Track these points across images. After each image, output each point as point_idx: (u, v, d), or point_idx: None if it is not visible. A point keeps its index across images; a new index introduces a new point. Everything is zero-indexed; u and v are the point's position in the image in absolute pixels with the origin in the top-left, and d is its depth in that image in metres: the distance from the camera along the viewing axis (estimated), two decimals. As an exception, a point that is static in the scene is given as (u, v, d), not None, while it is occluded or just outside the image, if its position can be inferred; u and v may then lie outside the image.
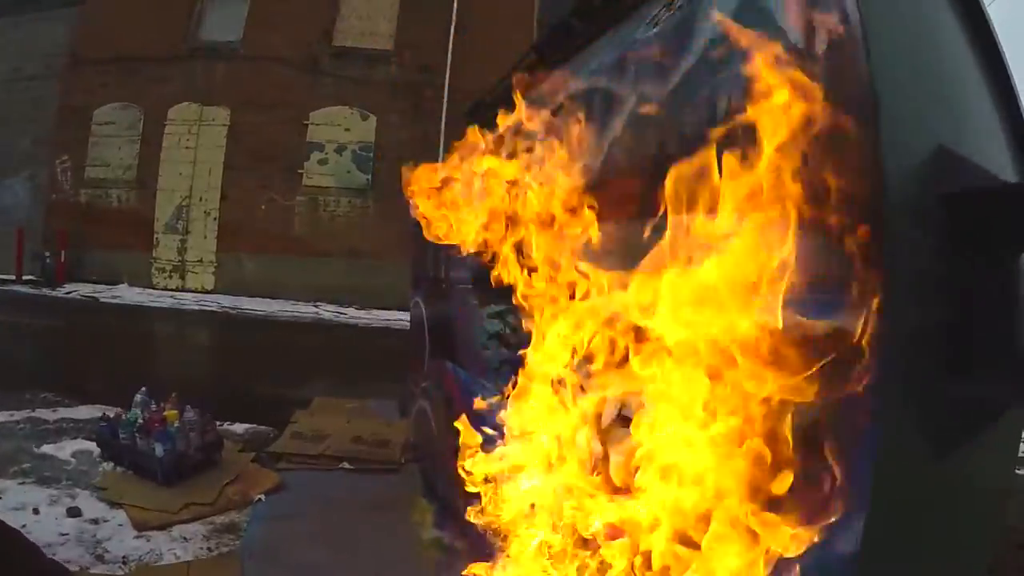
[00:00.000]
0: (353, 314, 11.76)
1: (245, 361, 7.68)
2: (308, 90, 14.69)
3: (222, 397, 5.63)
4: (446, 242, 2.56)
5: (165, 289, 13.70)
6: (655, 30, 2.01)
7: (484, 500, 2.26)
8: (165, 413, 4.14)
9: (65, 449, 4.27)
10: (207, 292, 13.77)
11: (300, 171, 14.46)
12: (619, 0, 2.86)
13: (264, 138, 14.31)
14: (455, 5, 14.89)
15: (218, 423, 4.94)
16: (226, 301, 12.02)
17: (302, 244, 14.26)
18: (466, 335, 3.61)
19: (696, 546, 1.48)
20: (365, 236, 14.13)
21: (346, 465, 4.34)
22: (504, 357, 2.90)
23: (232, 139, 14.45)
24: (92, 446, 4.26)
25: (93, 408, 5.14)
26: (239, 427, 5.04)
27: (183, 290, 13.79)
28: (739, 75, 1.48)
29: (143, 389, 4.39)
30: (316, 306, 12.48)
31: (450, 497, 3.32)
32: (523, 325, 2.27)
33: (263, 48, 14.61)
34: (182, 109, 14.56)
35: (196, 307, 10.76)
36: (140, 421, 3.99)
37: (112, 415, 4.29)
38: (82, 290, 11.80)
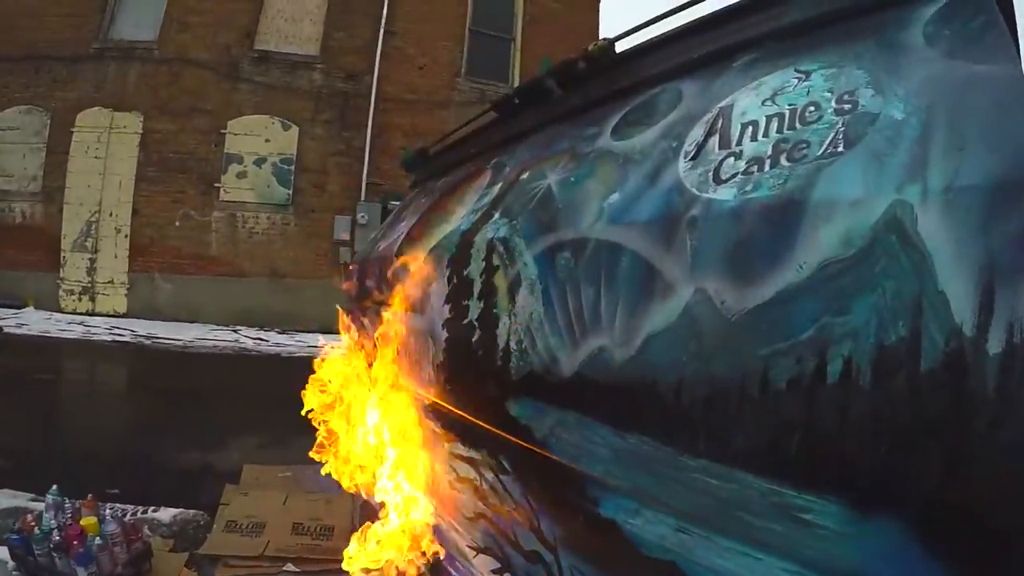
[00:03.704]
0: (276, 340, 11.32)
1: (164, 412, 7.22)
2: (226, 97, 14.07)
3: (143, 471, 5.29)
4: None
5: (75, 313, 12.90)
6: (724, 190, 1.51)
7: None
8: (82, 522, 3.78)
9: (-26, 561, 3.86)
10: (119, 316, 13.06)
11: (217, 185, 13.84)
12: (609, 74, 2.50)
13: (179, 148, 13.69)
14: (384, 9, 14.47)
15: (142, 510, 4.62)
16: (140, 328, 11.39)
17: (219, 263, 13.68)
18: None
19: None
20: (286, 254, 13.65)
21: (291, 567, 4.06)
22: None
23: (144, 149, 13.70)
24: (5, 553, 3.87)
25: (1, 495, 4.70)
26: (165, 514, 4.67)
27: (93, 314, 13.01)
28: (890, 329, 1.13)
29: (54, 488, 4.00)
30: (236, 331, 11.96)
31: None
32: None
33: (180, 50, 13.95)
34: (92, 114, 13.69)
35: (108, 336, 10.14)
36: (57, 537, 3.63)
37: (25, 519, 3.89)
38: (-15, 316, 11.03)
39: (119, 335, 10.62)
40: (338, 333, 4.26)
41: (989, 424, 1.05)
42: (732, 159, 1.56)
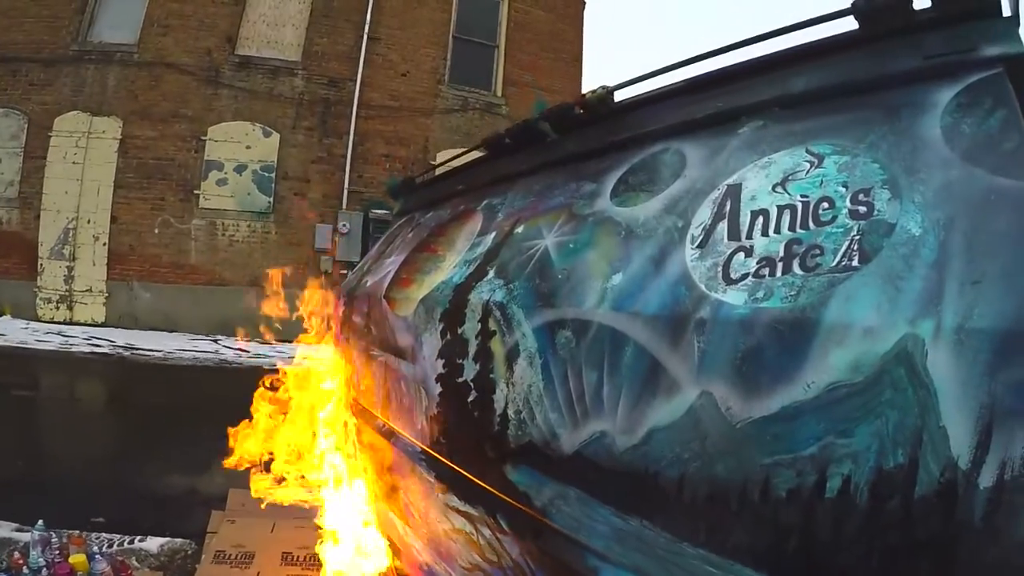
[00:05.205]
0: (257, 350, 11.23)
1: (146, 431, 7.17)
2: (207, 102, 13.94)
3: (127, 496, 5.26)
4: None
5: (52, 321, 12.74)
6: (734, 292, 1.48)
7: None
8: (71, 560, 3.78)
9: (-39, 601, 3.84)
10: (97, 325, 12.90)
11: (197, 192, 13.72)
12: (607, 124, 2.38)
13: (158, 154, 13.54)
14: (368, 15, 14.40)
15: (128, 539, 4.61)
16: (118, 337, 11.26)
17: (199, 272, 13.58)
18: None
19: None
20: (267, 263, 13.55)
21: (281, 600, 4.08)
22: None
23: (123, 154, 13.53)
24: (-7, 591, 3.85)
25: (-14, 526, 4.65)
26: (152, 543, 4.65)
27: (71, 323, 12.85)
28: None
29: (40, 522, 3.99)
30: (216, 341, 11.88)
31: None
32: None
33: (160, 53, 13.78)
34: (70, 119, 13.47)
35: (87, 347, 10.02)
36: (46, 574, 3.63)
37: (13, 556, 3.88)
38: (-39, 326, 10.85)
39: (97, 345, 10.50)
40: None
41: (974, 550, 1.12)
42: (742, 255, 1.54)
